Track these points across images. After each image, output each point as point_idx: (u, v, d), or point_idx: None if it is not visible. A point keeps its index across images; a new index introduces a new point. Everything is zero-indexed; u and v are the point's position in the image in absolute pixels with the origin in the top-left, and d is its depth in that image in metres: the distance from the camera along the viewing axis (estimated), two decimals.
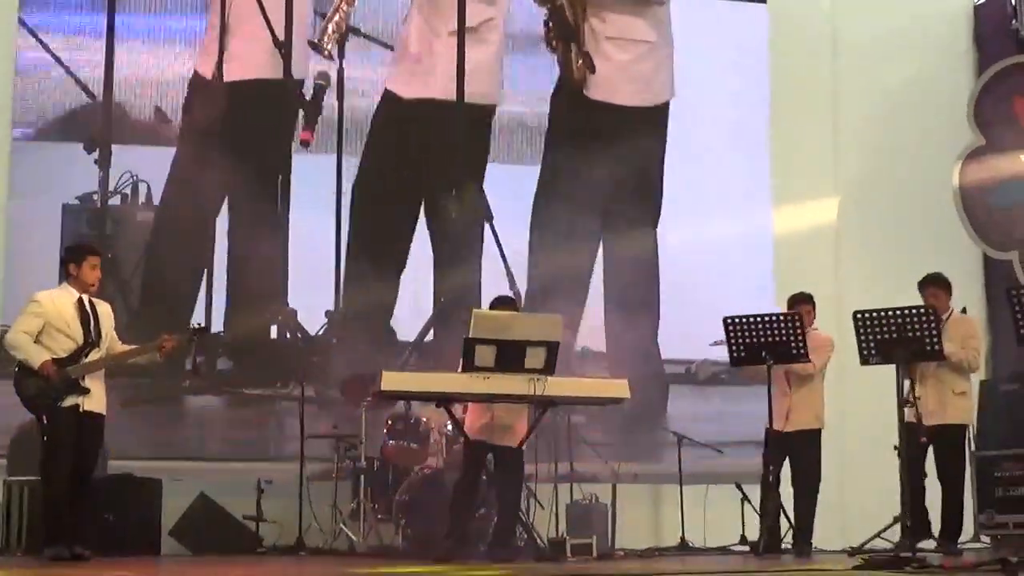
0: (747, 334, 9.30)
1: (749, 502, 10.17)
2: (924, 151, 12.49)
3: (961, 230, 12.47)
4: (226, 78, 11.08)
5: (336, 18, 11.26)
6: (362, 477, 9.87)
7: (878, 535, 9.39)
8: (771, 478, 9.29)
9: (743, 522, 10.28)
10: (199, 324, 8.66)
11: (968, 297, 10.68)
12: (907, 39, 12.64)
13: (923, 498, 9.17)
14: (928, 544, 9.04)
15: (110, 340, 8.43)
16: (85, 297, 8.34)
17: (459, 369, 8.26)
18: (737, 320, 9.33)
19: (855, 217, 12.38)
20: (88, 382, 8.20)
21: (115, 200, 10.95)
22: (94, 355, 8.27)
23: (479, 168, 11.55)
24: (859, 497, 10.95)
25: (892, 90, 12.51)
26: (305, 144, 11.25)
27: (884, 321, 8.84)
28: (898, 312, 8.82)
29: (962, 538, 9.42)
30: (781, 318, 9.29)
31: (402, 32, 11.63)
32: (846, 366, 9.68)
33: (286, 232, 11.06)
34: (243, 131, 11.03)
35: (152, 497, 9.62)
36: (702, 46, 11.97)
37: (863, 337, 8.94)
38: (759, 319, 9.28)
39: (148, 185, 11.00)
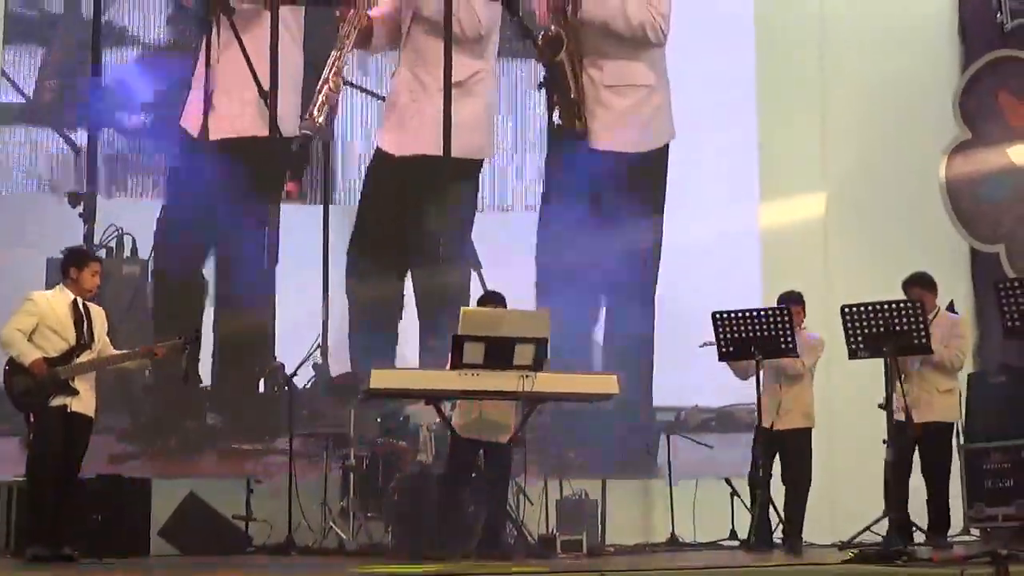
0: (735, 329, 9.29)
1: (739, 497, 10.18)
2: (911, 145, 12.50)
3: (948, 223, 12.50)
4: (212, 135, 10.92)
5: (325, 89, 11.09)
6: (351, 475, 9.85)
7: (867, 529, 9.39)
8: (760, 473, 9.30)
9: (732, 517, 10.29)
10: (196, 330, 8.65)
11: (955, 290, 10.71)
12: (893, 33, 12.64)
13: (906, 505, 9.19)
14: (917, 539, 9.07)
15: (102, 343, 8.45)
16: (80, 299, 8.37)
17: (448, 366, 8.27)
18: (725, 315, 9.33)
19: (843, 211, 12.38)
20: (77, 384, 8.20)
21: (100, 254, 10.63)
22: (86, 357, 8.27)
23: (468, 220, 11.47)
24: (849, 491, 10.96)
25: (879, 84, 12.51)
26: (291, 195, 11.12)
27: (872, 315, 8.85)
28: (886, 306, 8.84)
29: (952, 531, 9.44)
30: (769, 313, 9.28)
31: (391, 86, 11.55)
32: (834, 361, 9.69)
33: (273, 284, 10.93)
34: (230, 186, 10.78)
35: (141, 497, 9.59)
36: (688, 40, 11.91)
37: (851, 331, 8.95)
38: (747, 314, 9.27)
39: (133, 238, 10.88)
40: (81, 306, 8.35)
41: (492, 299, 8.97)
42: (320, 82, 11.11)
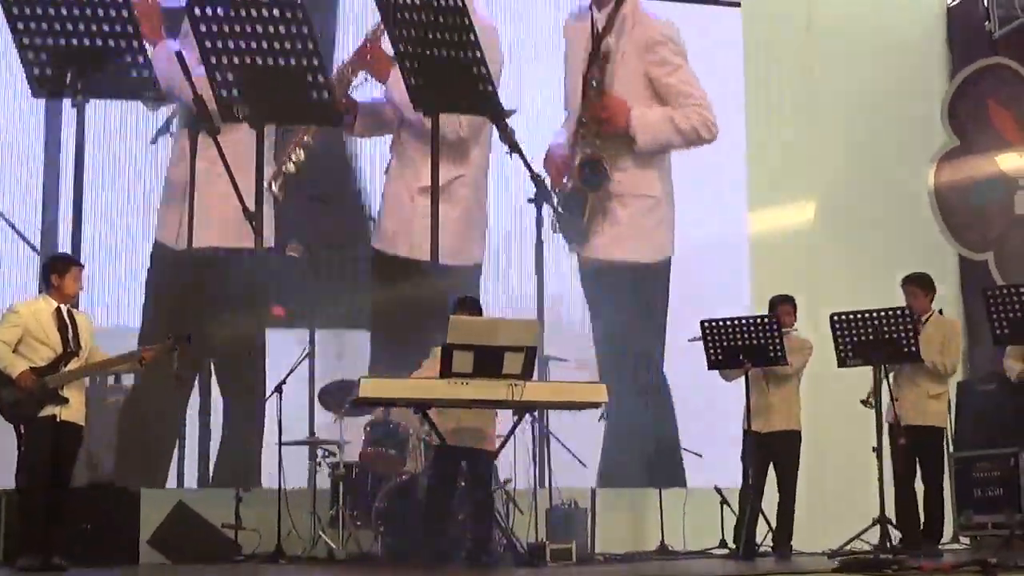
0: (724, 337, 9.30)
1: (728, 505, 10.19)
2: (900, 153, 12.52)
3: (937, 231, 12.51)
4: (194, 245, 10.53)
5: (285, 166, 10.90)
6: (340, 484, 9.84)
7: (857, 537, 9.40)
8: (750, 480, 9.30)
9: (722, 526, 10.30)
10: (189, 335, 8.64)
11: (944, 298, 10.71)
12: (881, 40, 12.66)
13: (915, 504, 9.20)
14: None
15: (90, 350, 8.42)
16: (64, 307, 8.34)
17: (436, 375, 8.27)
18: (714, 323, 9.34)
19: (832, 219, 12.38)
20: (67, 392, 8.18)
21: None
22: (73, 364, 8.24)
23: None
24: (838, 499, 10.97)
25: (867, 91, 12.52)
26: (278, 318, 10.80)
27: (861, 323, 8.90)
28: (875, 314, 8.86)
29: (942, 539, 9.45)
30: (758, 321, 9.30)
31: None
32: (823, 368, 9.70)
33: (262, 406, 10.50)
34: (213, 303, 10.52)
35: (130, 506, 9.58)
36: None
37: (840, 339, 8.99)
38: (736, 322, 9.29)
39: None
40: (66, 313, 8.32)
41: (468, 305, 8.93)
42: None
